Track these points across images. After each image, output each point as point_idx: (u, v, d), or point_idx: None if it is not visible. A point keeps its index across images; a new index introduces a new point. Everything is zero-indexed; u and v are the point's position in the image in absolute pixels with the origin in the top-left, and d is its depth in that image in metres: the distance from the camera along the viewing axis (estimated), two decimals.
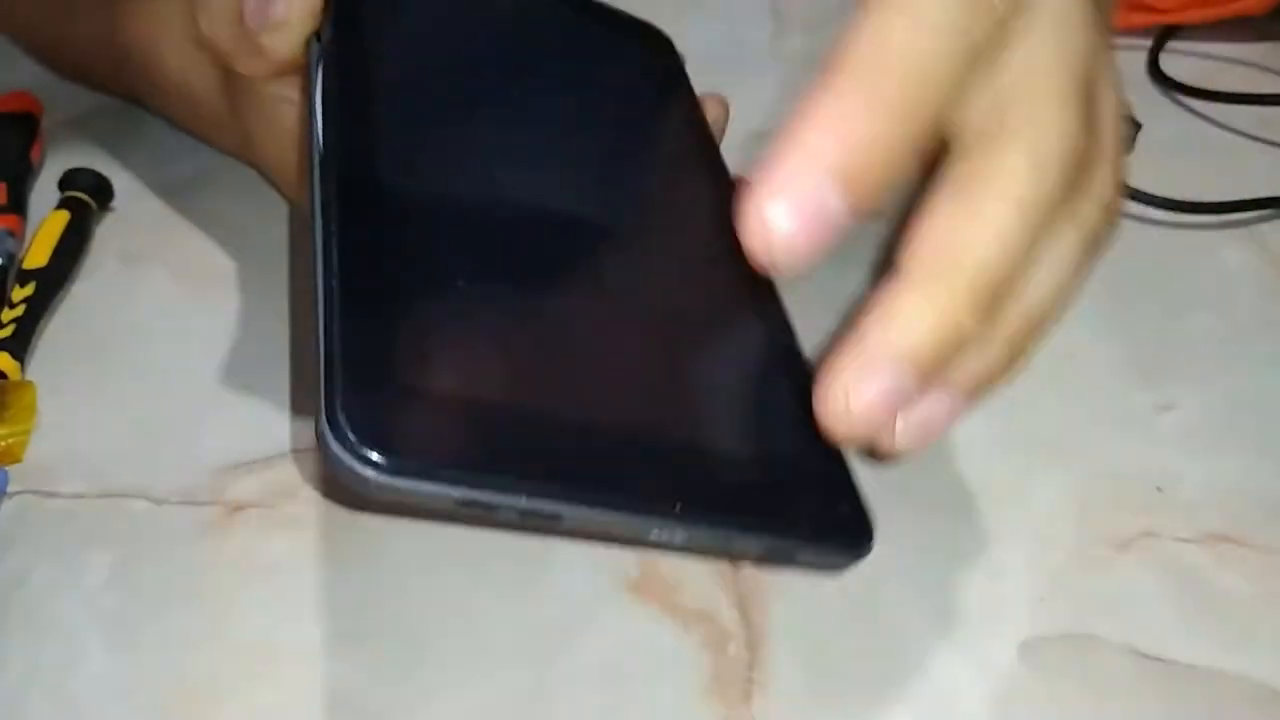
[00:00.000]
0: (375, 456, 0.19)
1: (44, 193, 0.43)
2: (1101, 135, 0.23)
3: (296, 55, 0.31)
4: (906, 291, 0.20)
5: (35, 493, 0.33)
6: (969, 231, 0.20)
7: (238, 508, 0.33)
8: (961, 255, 0.20)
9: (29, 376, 0.36)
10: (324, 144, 0.25)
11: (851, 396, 0.20)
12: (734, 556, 0.24)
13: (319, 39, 0.28)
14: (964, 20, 0.19)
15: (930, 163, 0.20)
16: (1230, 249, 0.43)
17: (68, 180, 0.42)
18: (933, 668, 0.30)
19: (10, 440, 0.34)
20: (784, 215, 0.19)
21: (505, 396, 0.22)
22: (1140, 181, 0.44)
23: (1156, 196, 0.44)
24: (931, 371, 0.21)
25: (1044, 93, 0.21)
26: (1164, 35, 0.54)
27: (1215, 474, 0.35)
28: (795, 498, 0.25)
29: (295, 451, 0.34)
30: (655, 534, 0.22)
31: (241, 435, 0.34)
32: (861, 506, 0.27)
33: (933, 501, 0.33)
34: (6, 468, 0.33)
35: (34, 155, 0.44)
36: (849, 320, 0.25)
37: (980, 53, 0.20)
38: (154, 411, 0.35)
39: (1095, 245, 0.24)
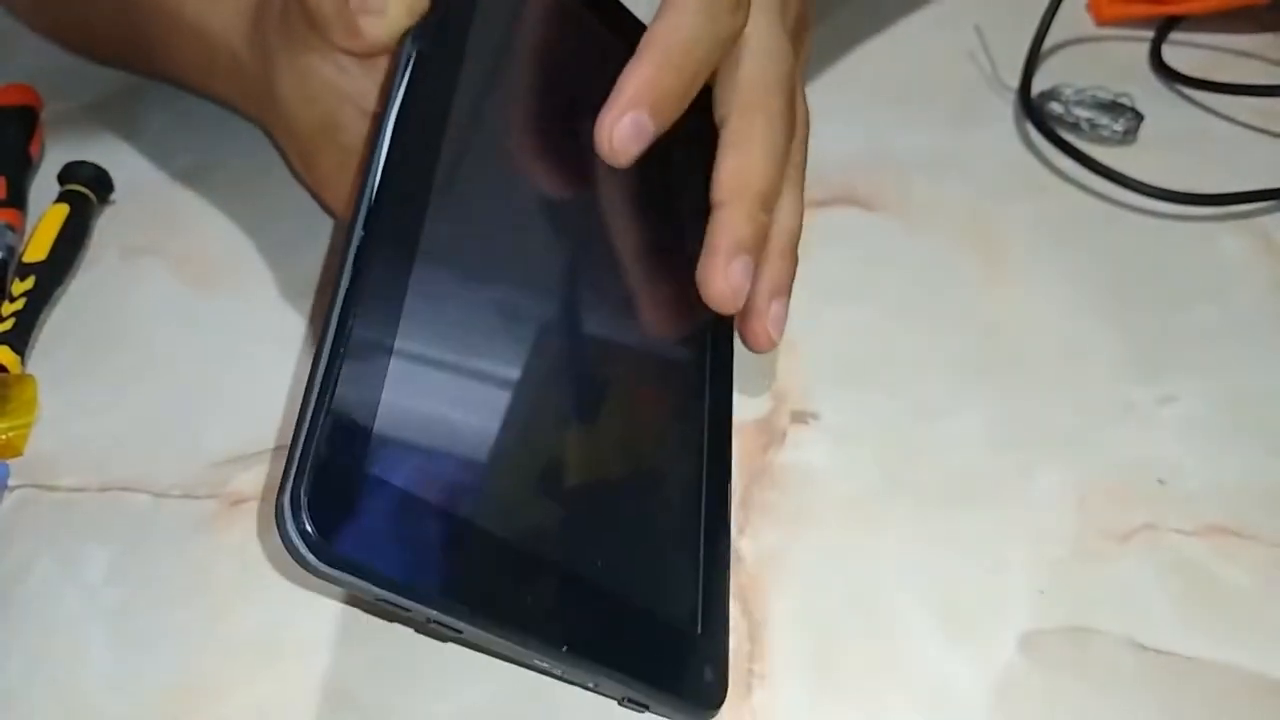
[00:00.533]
0: (318, 547, 0.21)
1: (43, 186, 0.43)
2: (794, 107, 0.35)
3: (391, 44, 0.32)
4: (727, 210, 0.32)
5: (36, 486, 0.33)
6: (748, 171, 0.33)
7: (238, 501, 0.33)
8: (750, 184, 0.32)
9: (29, 370, 0.36)
10: (380, 182, 0.26)
11: (730, 280, 0.32)
12: (596, 691, 0.27)
13: (415, 41, 0.29)
14: (711, 22, 0.32)
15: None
16: (1232, 241, 0.43)
17: (67, 173, 0.42)
18: (933, 661, 0.30)
19: (11, 434, 0.34)
20: (619, 128, 0.31)
21: (443, 508, 0.24)
22: (1141, 173, 0.44)
23: (1157, 188, 0.44)
24: (757, 249, 0.33)
25: (768, 86, 0.34)
26: (1166, 26, 0.54)
27: (1216, 466, 0.35)
28: (669, 659, 0.27)
29: None
30: (538, 664, 0.25)
31: (242, 429, 0.34)
32: (724, 675, 0.28)
33: (933, 494, 0.33)
34: (7, 461, 0.33)
35: (33, 149, 0.44)
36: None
37: (723, 42, 0.32)
38: (154, 405, 0.35)
39: (802, 166, 0.36)
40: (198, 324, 0.38)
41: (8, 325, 0.37)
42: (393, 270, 0.25)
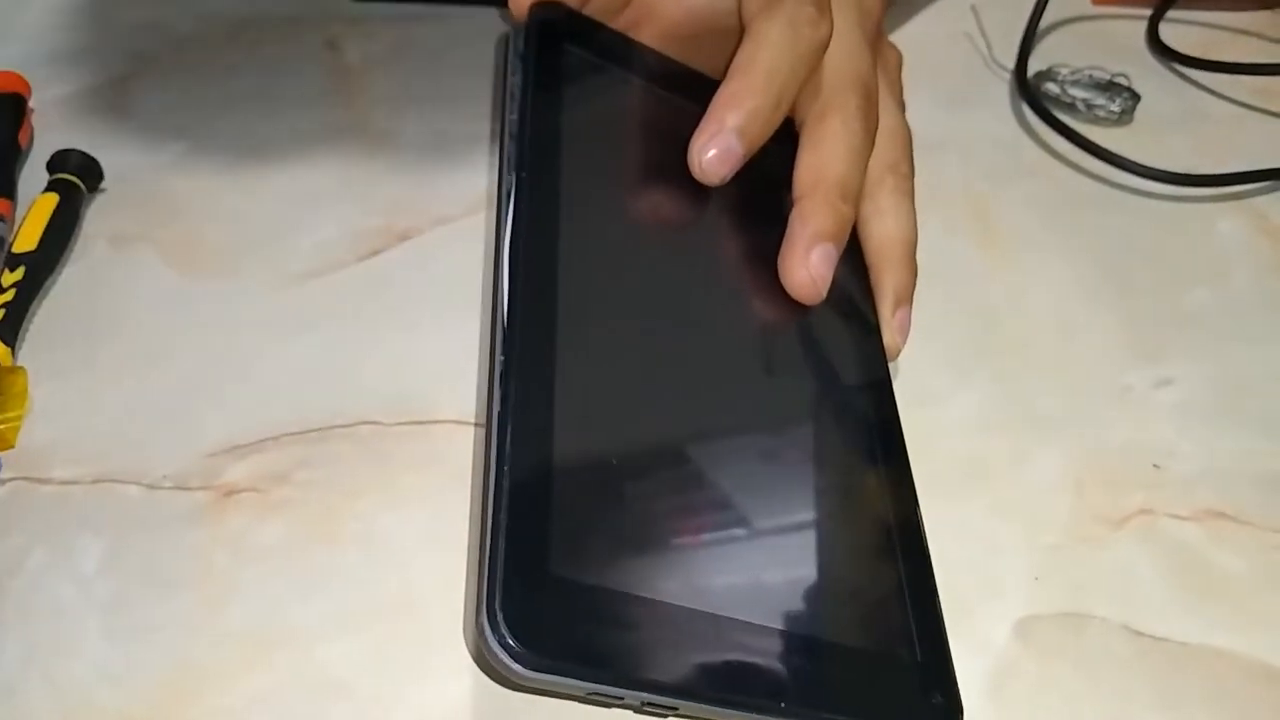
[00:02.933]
0: (522, 655, 0.22)
1: (32, 175, 0.43)
2: (875, 105, 0.36)
3: None
4: (806, 202, 0.33)
5: (28, 479, 0.33)
6: (825, 165, 0.33)
7: (230, 492, 0.33)
8: (827, 176, 0.33)
9: (20, 362, 0.36)
10: (510, 312, 0.27)
11: (812, 269, 0.32)
12: None
13: (514, 170, 0.29)
14: (794, 44, 0.33)
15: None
16: (1228, 222, 0.43)
17: (56, 162, 0.41)
18: None
19: (2, 427, 0.34)
20: (710, 151, 0.32)
21: (640, 594, 0.24)
22: (1138, 153, 0.44)
23: (1154, 169, 0.44)
24: (839, 238, 0.33)
25: (844, 86, 0.35)
26: (1163, 4, 0.53)
27: (1212, 451, 0.35)
28: (893, 692, 0.27)
29: (288, 435, 0.34)
30: None
31: (234, 419, 0.34)
32: (954, 695, 0.27)
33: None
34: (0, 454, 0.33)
35: (22, 137, 0.43)
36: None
37: (806, 58, 0.33)
38: (146, 396, 0.35)
39: (909, 175, 0.37)
40: (189, 313, 0.38)
41: None
42: (539, 376, 0.26)
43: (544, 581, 0.23)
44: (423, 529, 0.32)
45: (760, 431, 0.30)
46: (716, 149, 0.32)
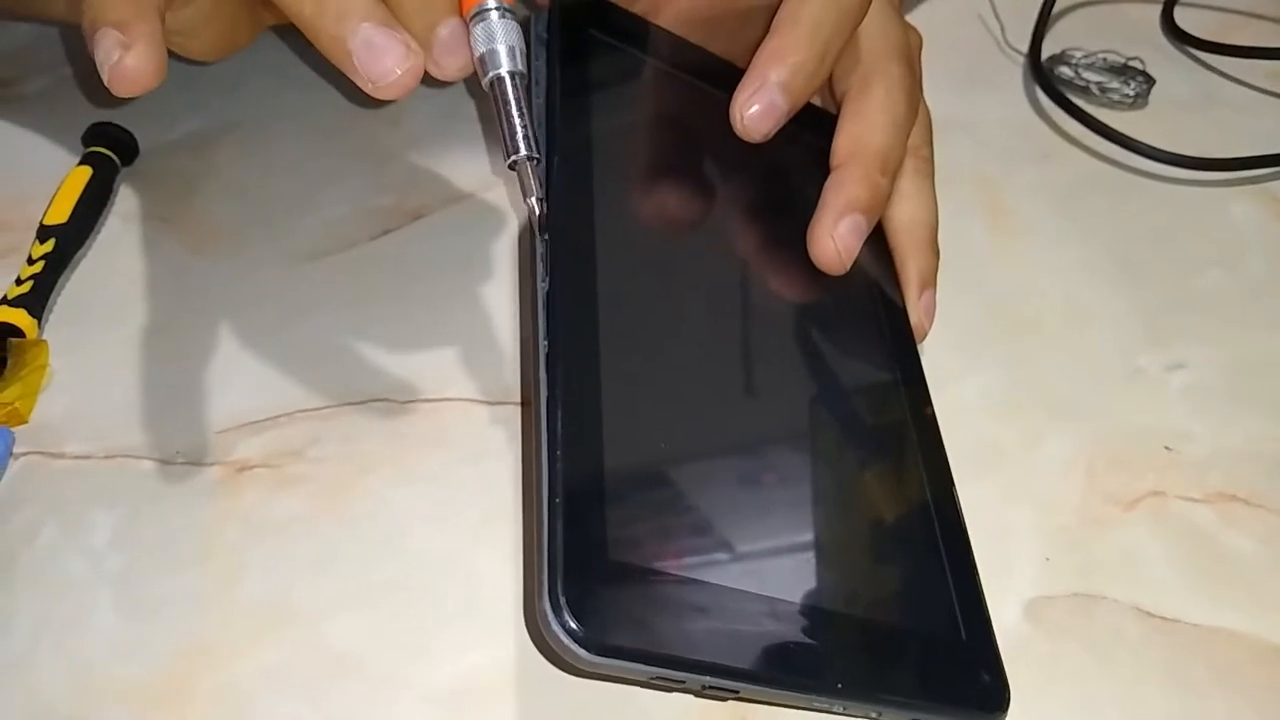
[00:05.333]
0: (588, 641, 0.22)
1: (64, 147, 0.42)
2: (917, 78, 0.36)
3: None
4: (843, 171, 0.33)
5: (42, 453, 0.33)
6: (867, 135, 0.33)
7: (243, 468, 0.33)
8: (867, 146, 0.33)
9: (44, 335, 0.36)
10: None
11: (839, 239, 0.32)
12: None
13: (544, 231, 0.28)
14: (838, 4, 0.32)
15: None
16: (1242, 206, 0.43)
17: (92, 135, 0.41)
18: None
19: (17, 403, 0.34)
20: (754, 106, 0.32)
21: (697, 578, 0.25)
22: (1151, 137, 0.44)
23: (1167, 152, 0.44)
24: (872, 211, 0.33)
25: (886, 54, 0.35)
26: None
27: (1224, 433, 0.35)
28: (942, 671, 0.27)
29: (301, 411, 0.34)
30: (818, 705, 0.25)
31: (248, 395, 0.34)
32: (1000, 673, 0.28)
33: None
34: (13, 429, 0.33)
35: None
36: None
37: (851, 15, 0.33)
38: (160, 371, 0.35)
39: (929, 158, 0.37)
40: (203, 290, 0.38)
41: (25, 288, 0.36)
42: (584, 362, 0.26)
43: (604, 567, 0.23)
44: (434, 506, 0.32)
45: (803, 416, 0.30)
46: (760, 104, 0.32)
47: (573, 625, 0.22)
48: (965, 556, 0.29)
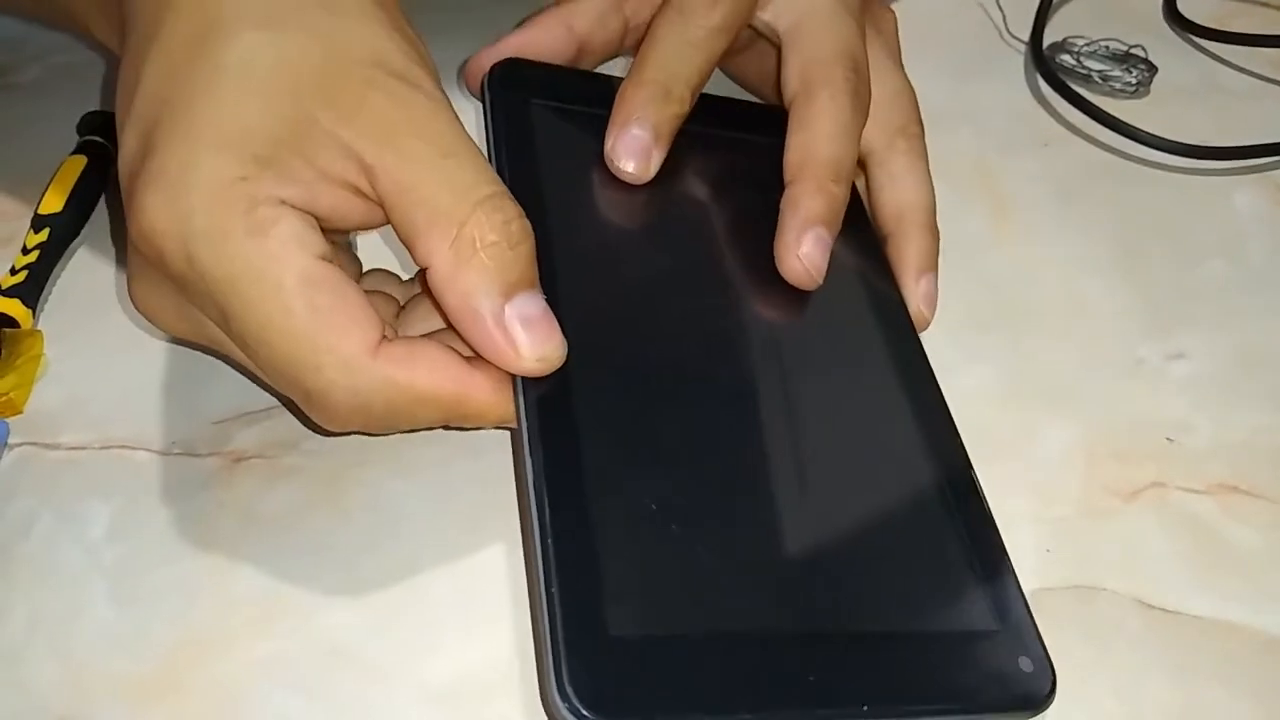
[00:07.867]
0: None
1: (58, 137, 0.42)
2: (865, 77, 0.35)
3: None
4: (796, 186, 0.32)
5: (36, 444, 0.33)
6: (814, 145, 0.33)
7: (239, 459, 0.32)
8: (816, 155, 0.33)
9: (39, 325, 0.36)
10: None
11: (805, 258, 0.31)
12: None
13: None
14: (684, 32, 0.33)
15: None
16: (1244, 195, 0.43)
17: (86, 123, 0.41)
18: None
19: (13, 394, 0.33)
20: (620, 155, 0.32)
21: (707, 629, 0.25)
22: (1153, 125, 0.44)
23: (1169, 141, 0.43)
24: (832, 221, 0.32)
25: (830, 58, 0.34)
26: None
27: (1225, 424, 0.35)
28: (977, 668, 0.26)
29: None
30: None
31: (243, 387, 0.34)
32: (1042, 656, 0.27)
33: None
34: (7, 419, 0.33)
35: None
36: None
37: (700, 45, 0.33)
38: (156, 362, 0.35)
39: (919, 135, 0.37)
40: None
41: (20, 278, 0.36)
42: (566, 436, 0.26)
43: (607, 646, 0.24)
44: (430, 498, 0.32)
45: (797, 435, 0.29)
46: (624, 148, 0.32)
47: (584, 713, 0.22)
48: (992, 540, 0.29)
